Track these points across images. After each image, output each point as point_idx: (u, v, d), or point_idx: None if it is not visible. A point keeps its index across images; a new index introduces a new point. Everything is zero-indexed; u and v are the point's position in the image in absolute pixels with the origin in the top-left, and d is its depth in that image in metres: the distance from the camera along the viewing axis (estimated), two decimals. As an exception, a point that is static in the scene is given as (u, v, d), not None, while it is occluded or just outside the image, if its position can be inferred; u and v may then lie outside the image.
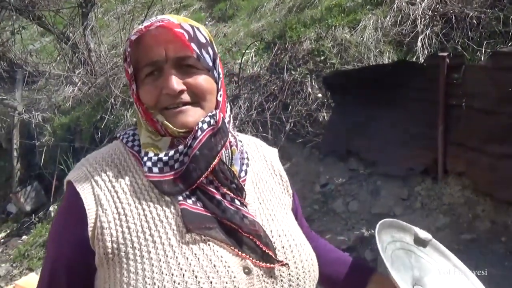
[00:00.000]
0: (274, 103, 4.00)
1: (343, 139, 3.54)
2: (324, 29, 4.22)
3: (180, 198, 0.76)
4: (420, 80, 3.13)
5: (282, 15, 5.19)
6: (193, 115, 0.80)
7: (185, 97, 0.79)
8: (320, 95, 3.90)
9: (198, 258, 0.72)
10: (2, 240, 4.59)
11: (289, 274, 0.79)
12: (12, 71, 6.01)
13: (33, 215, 4.70)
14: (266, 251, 0.77)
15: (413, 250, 1.07)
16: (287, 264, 0.79)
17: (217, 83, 0.84)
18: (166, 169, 0.78)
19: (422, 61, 3.34)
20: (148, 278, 0.71)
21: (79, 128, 4.97)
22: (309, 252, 0.85)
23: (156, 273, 0.70)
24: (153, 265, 0.71)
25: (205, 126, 0.79)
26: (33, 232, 4.41)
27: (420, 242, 1.09)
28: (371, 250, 3.00)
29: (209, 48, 0.83)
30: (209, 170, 0.77)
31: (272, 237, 0.81)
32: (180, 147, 0.79)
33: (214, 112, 0.82)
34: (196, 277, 0.70)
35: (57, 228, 0.83)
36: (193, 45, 0.79)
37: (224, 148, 0.80)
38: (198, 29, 0.82)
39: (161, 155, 0.79)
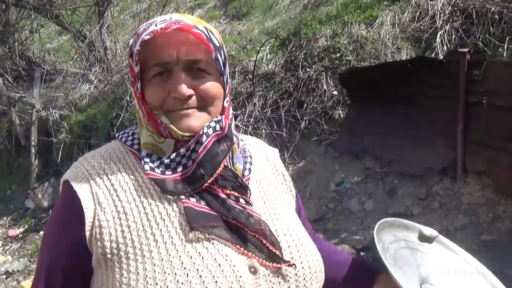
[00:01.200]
0: (289, 101, 3.97)
1: (359, 137, 3.49)
2: (340, 25, 4.16)
3: (183, 196, 0.74)
4: (439, 77, 3.05)
5: (297, 12, 5.15)
6: (198, 119, 0.78)
7: (193, 101, 0.77)
8: (335, 92, 3.86)
9: (203, 257, 0.70)
10: (20, 235, 4.68)
11: (296, 274, 0.77)
12: (31, 69, 6.13)
13: (50, 211, 4.77)
14: (273, 250, 0.75)
15: (419, 248, 1.05)
16: (294, 264, 0.77)
17: (224, 89, 0.82)
18: (168, 172, 0.77)
19: (442, 57, 3.26)
20: (150, 278, 0.68)
21: (95, 125, 5.03)
22: (315, 252, 0.84)
23: (158, 272, 0.68)
24: (154, 265, 0.69)
25: (210, 131, 0.77)
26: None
27: (425, 239, 1.06)
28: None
29: (222, 52, 0.81)
30: (213, 177, 0.76)
31: (278, 236, 0.79)
32: (182, 150, 0.77)
33: (219, 118, 0.80)
34: (200, 276, 0.68)
35: (53, 229, 0.80)
36: (211, 46, 0.78)
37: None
38: (211, 32, 0.80)
39: (164, 158, 0.78)
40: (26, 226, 4.82)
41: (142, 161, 0.78)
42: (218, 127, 0.79)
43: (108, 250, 0.72)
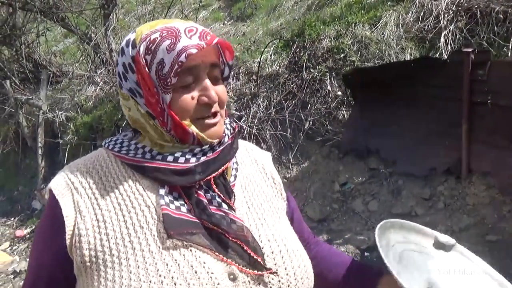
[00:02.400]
0: (293, 102, 3.98)
1: (363, 137, 3.49)
2: (344, 26, 4.16)
3: (163, 202, 0.74)
4: (443, 77, 3.05)
5: (301, 13, 5.15)
6: (221, 125, 0.81)
7: (215, 107, 0.78)
8: (339, 93, 3.86)
9: (179, 264, 0.69)
10: (28, 236, 4.72)
11: (279, 281, 0.75)
12: (37, 71, 6.18)
13: (57, 211, 4.82)
14: (254, 257, 0.73)
15: (431, 254, 1.00)
16: (276, 272, 0.75)
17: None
18: (180, 160, 0.77)
19: (446, 57, 3.26)
20: (125, 286, 0.68)
21: (100, 127, 5.06)
22: (303, 258, 0.81)
23: (134, 280, 0.68)
24: (131, 272, 0.68)
25: (229, 133, 0.84)
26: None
27: (441, 247, 1.01)
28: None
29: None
30: (216, 173, 0.78)
31: (261, 241, 0.77)
32: (206, 147, 0.79)
33: (230, 120, 0.86)
34: (175, 284, 0.67)
35: (38, 238, 0.81)
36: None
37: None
38: None
39: (185, 150, 0.79)
40: (33, 227, 4.86)
41: (129, 154, 0.79)
42: (231, 130, 0.84)
43: (87, 258, 0.72)
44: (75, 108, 5.56)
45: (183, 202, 0.76)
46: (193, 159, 0.77)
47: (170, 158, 0.76)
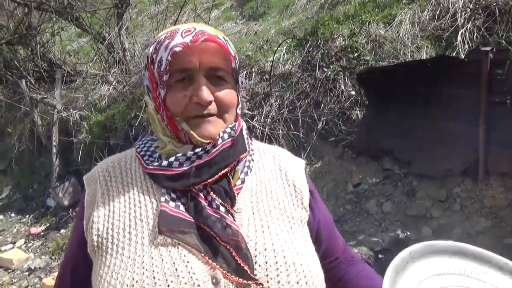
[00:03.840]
0: (306, 101, 3.95)
1: (377, 137, 3.44)
2: (358, 25, 4.12)
3: (163, 199, 0.77)
4: (461, 77, 2.99)
5: (314, 12, 5.12)
6: (217, 126, 0.80)
7: (212, 108, 0.79)
8: (353, 92, 3.82)
9: (162, 260, 0.71)
10: (42, 233, 4.78)
11: None
12: (52, 71, 6.25)
13: (71, 209, 4.87)
14: (241, 264, 0.71)
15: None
16: (262, 284, 0.71)
17: (237, 96, 0.85)
18: (175, 164, 0.79)
19: (463, 56, 3.20)
20: (115, 272, 0.72)
21: (114, 126, 5.10)
22: (306, 274, 0.75)
23: (122, 268, 0.72)
24: (122, 261, 0.73)
25: (225, 136, 0.81)
26: (71, 226, 4.58)
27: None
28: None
29: (236, 61, 0.84)
30: (214, 178, 0.78)
31: (256, 250, 0.74)
32: (198, 150, 0.79)
33: (233, 124, 0.84)
34: (154, 277, 0.69)
35: (75, 221, 0.91)
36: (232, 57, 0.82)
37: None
38: (228, 42, 0.82)
39: (179, 155, 0.80)
40: (48, 224, 4.93)
41: (144, 158, 0.84)
42: (232, 133, 0.82)
43: (95, 243, 0.79)
44: (89, 107, 5.62)
45: (183, 202, 0.78)
46: (186, 163, 0.78)
47: (164, 163, 0.80)
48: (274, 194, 0.86)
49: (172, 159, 0.79)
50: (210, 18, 6.09)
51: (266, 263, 0.73)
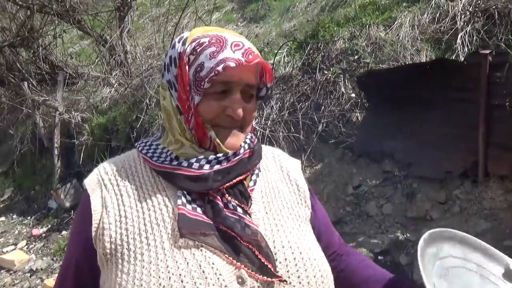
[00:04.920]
0: (306, 103, 3.96)
1: (377, 140, 3.46)
2: (358, 27, 4.14)
3: (180, 202, 0.77)
4: (460, 79, 3.00)
5: (315, 15, 5.14)
6: (239, 138, 0.83)
7: (240, 121, 0.82)
8: (353, 95, 3.83)
9: (188, 263, 0.71)
10: (44, 235, 4.80)
11: None
12: (54, 73, 6.29)
13: (72, 211, 4.89)
14: (265, 263, 0.74)
15: (496, 283, 0.87)
16: (285, 280, 0.74)
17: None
18: (194, 165, 0.79)
19: (462, 59, 3.21)
20: (137, 279, 0.71)
21: (115, 128, 5.12)
22: (321, 269, 0.80)
23: (145, 275, 0.71)
24: (143, 267, 0.72)
25: (246, 146, 0.85)
26: (72, 227, 4.59)
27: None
28: (406, 254, 2.91)
29: (271, 79, 0.89)
30: (232, 182, 0.79)
31: (275, 247, 0.77)
32: (220, 155, 0.81)
33: (251, 136, 0.89)
34: (182, 281, 0.69)
35: (72, 229, 0.88)
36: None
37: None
38: None
39: (200, 156, 0.81)
40: (49, 226, 4.95)
41: (153, 159, 0.83)
42: (251, 145, 0.86)
43: (108, 250, 0.76)
44: (91, 109, 5.64)
45: (200, 204, 0.78)
46: (206, 166, 0.79)
47: (184, 163, 0.79)
48: (281, 194, 0.90)
49: (193, 160, 0.79)
50: (211, 21, 6.12)
51: (285, 259, 0.77)
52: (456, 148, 3.05)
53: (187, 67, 0.79)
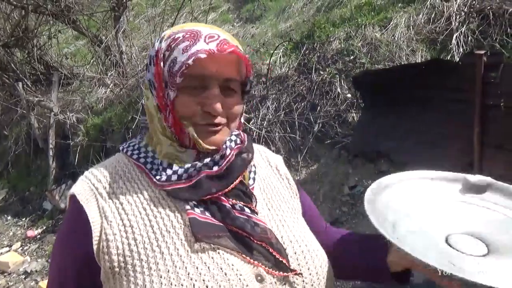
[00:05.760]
0: (302, 104, 3.97)
1: (373, 140, 3.46)
2: (354, 28, 4.15)
3: (188, 207, 0.75)
4: (455, 80, 3.01)
5: (310, 15, 5.15)
6: (223, 135, 0.80)
7: (221, 118, 0.79)
8: (349, 95, 3.84)
9: (208, 267, 0.70)
10: (38, 236, 4.77)
11: (303, 281, 0.76)
12: (49, 73, 6.26)
13: (67, 212, 4.86)
14: (280, 258, 0.75)
15: (467, 200, 0.86)
16: (301, 273, 0.76)
17: (243, 106, 0.86)
18: (184, 176, 0.77)
19: (457, 59, 3.22)
20: None
21: (111, 129, 5.10)
22: (323, 257, 0.82)
23: (165, 284, 0.68)
24: (161, 277, 0.69)
25: (232, 144, 0.80)
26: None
27: (473, 190, 0.86)
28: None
29: (251, 72, 0.85)
30: (228, 188, 0.77)
31: (284, 243, 0.78)
32: (207, 160, 0.78)
33: (238, 132, 0.84)
34: (207, 286, 0.68)
35: (60, 243, 0.81)
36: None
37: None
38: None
39: (187, 165, 0.78)
40: (44, 227, 4.92)
41: (151, 174, 0.79)
42: (238, 141, 0.82)
43: (116, 263, 0.72)
44: (86, 110, 5.62)
45: (206, 207, 0.77)
46: (194, 172, 0.77)
47: (174, 177, 0.77)
48: (276, 189, 0.91)
49: (181, 171, 0.77)
50: (207, 21, 6.11)
51: (295, 253, 0.78)
52: (452, 148, 3.06)
53: (162, 63, 0.77)
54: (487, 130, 2.90)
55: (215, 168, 0.77)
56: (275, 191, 0.90)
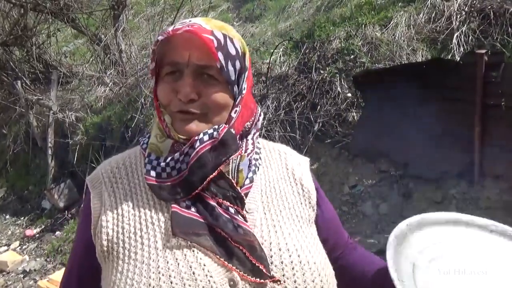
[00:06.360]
0: (303, 103, 3.96)
1: (373, 139, 3.46)
2: (354, 27, 4.14)
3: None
4: (456, 79, 3.01)
5: (310, 14, 5.14)
6: (197, 125, 0.77)
7: (196, 106, 0.77)
8: (349, 94, 3.83)
9: (178, 264, 0.70)
10: (37, 235, 4.75)
11: None
12: (48, 72, 6.24)
13: (66, 211, 4.84)
14: (256, 264, 0.71)
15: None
16: (279, 280, 0.71)
17: (235, 99, 0.80)
18: (163, 175, 0.77)
19: (458, 59, 3.22)
20: (129, 278, 0.71)
21: (110, 127, 5.09)
22: (320, 272, 0.76)
23: (137, 274, 0.70)
24: (136, 266, 0.71)
25: (205, 137, 0.76)
26: (66, 228, 4.55)
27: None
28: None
29: (237, 61, 0.79)
30: (204, 183, 0.75)
31: (271, 250, 0.74)
32: (176, 155, 0.77)
33: (219, 126, 0.78)
34: (171, 282, 0.68)
35: (77, 226, 0.88)
36: (220, 55, 0.75)
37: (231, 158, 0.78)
38: (232, 39, 0.78)
39: (161, 159, 0.79)
40: (43, 226, 4.90)
41: (145, 163, 0.81)
42: (215, 134, 0.77)
43: (105, 248, 0.76)
44: (85, 108, 5.60)
45: (194, 202, 0.75)
46: (153, 173, 0.77)
47: (153, 173, 0.78)
48: (283, 194, 0.85)
49: (159, 169, 0.77)
50: (207, 20, 6.09)
51: (282, 263, 0.74)
52: (452, 147, 3.06)
53: (151, 56, 0.80)
54: (488, 130, 2.90)
55: (187, 160, 0.76)
56: (279, 196, 0.84)
